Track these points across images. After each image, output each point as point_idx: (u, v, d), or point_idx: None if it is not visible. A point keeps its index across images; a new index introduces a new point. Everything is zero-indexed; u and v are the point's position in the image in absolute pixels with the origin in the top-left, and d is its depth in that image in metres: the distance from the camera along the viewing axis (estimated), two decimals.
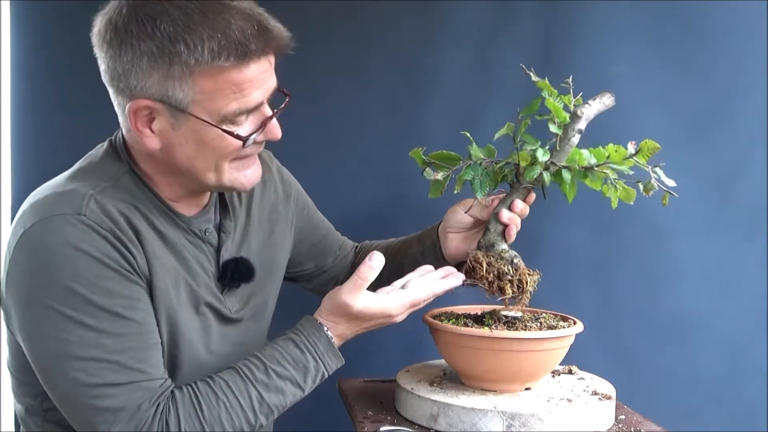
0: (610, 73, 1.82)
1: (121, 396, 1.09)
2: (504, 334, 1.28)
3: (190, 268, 1.23)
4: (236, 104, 1.12)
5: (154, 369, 1.13)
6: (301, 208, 1.50)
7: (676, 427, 1.44)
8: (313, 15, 1.81)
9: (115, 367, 1.09)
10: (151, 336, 1.14)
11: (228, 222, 1.31)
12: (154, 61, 1.09)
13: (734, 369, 1.88)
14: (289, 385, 1.19)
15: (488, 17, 1.83)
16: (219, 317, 1.27)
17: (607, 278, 1.88)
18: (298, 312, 1.28)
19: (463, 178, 1.33)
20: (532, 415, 1.23)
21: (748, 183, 1.86)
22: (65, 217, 1.10)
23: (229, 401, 1.15)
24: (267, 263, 1.37)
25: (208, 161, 1.17)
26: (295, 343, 1.21)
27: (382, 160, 1.85)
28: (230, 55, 1.08)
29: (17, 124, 1.79)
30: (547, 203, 1.37)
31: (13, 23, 1.77)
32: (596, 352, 1.74)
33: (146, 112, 1.13)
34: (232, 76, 1.10)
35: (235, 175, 1.20)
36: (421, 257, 1.48)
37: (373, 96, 1.85)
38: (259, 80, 1.13)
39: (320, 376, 1.22)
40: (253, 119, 1.17)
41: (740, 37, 1.84)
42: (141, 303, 1.13)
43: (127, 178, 1.20)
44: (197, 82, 1.10)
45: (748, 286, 1.87)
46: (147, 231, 1.17)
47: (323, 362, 1.22)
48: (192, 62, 1.08)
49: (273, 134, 1.20)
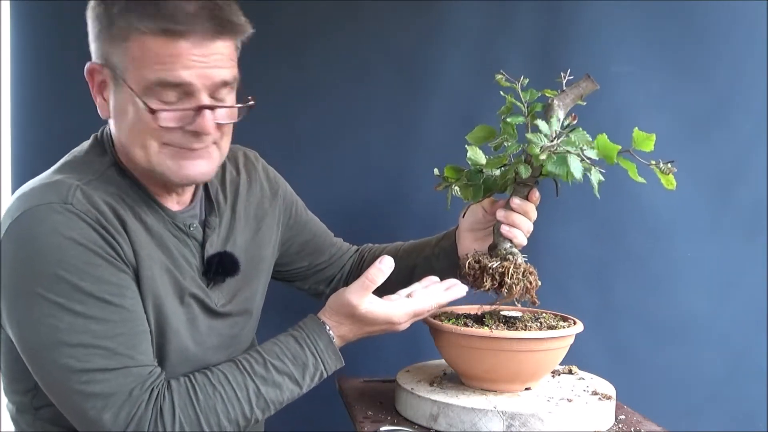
0: (610, 73, 1.82)
1: (111, 381, 1.10)
2: (504, 334, 1.28)
3: (175, 260, 1.24)
4: (155, 75, 1.12)
5: (144, 356, 1.14)
6: (289, 206, 1.51)
7: (676, 427, 1.44)
8: (313, 15, 1.81)
9: (104, 352, 1.10)
10: (140, 323, 1.15)
11: (213, 218, 1.32)
12: (100, 23, 1.15)
13: (734, 369, 1.88)
14: (287, 381, 1.20)
15: (488, 17, 1.83)
16: (205, 309, 1.28)
17: (607, 278, 1.88)
18: (292, 311, 1.29)
19: (460, 186, 1.35)
20: (532, 415, 1.23)
21: (748, 183, 1.86)
22: (51, 205, 1.12)
23: (225, 392, 1.15)
24: (253, 259, 1.38)
25: (135, 136, 1.17)
26: (296, 339, 1.22)
27: (382, 160, 1.85)
28: (161, 22, 1.10)
29: (17, 124, 1.79)
30: (547, 203, 1.37)
31: (13, 23, 1.77)
32: (596, 352, 1.74)
33: (100, 79, 1.18)
34: (158, 47, 1.11)
35: (164, 161, 1.18)
36: (435, 259, 1.49)
37: (373, 96, 1.85)
38: (188, 60, 1.12)
39: (319, 375, 1.23)
40: (185, 104, 1.15)
41: (740, 37, 1.84)
42: (129, 291, 1.15)
43: (113, 171, 1.22)
44: (129, 47, 1.13)
45: (748, 286, 1.87)
46: (133, 222, 1.18)
47: (322, 360, 1.22)
48: (124, 25, 1.12)
49: (198, 126, 1.16)
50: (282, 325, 1.26)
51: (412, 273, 1.50)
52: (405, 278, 1.50)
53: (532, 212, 1.35)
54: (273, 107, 1.80)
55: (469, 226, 1.43)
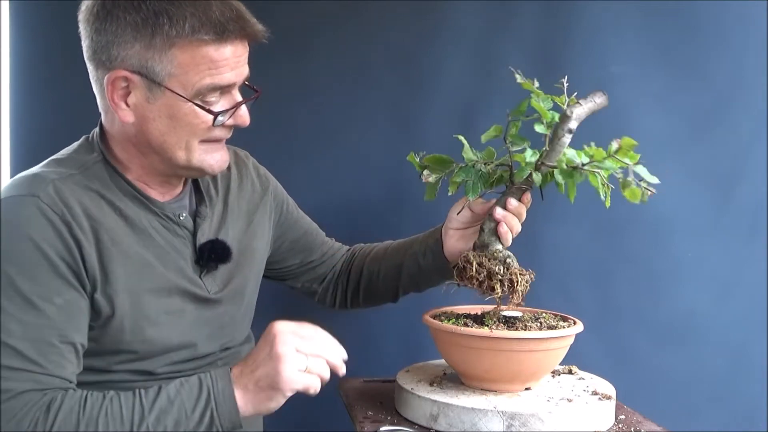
0: (610, 73, 1.82)
1: (9, 381, 1.10)
2: (504, 334, 1.28)
3: (160, 252, 1.26)
4: (210, 80, 1.19)
5: (53, 366, 1.13)
6: (280, 203, 1.53)
7: (676, 427, 1.44)
8: (313, 15, 1.81)
9: (12, 352, 1.10)
10: (57, 334, 1.14)
11: (204, 208, 1.35)
12: (137, 32, 1.16)
13: (734, 369, 1.87)
14: (175, 409, 1.12)
15: (488, 17, 1.83)
16: (194, 299, 1.29)
17: (607, 278, 1.87)
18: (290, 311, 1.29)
19: (455, 180, 1.34)
20: (532, 415, 1.23)
21: (748, 183, 1.86)
22: (21, 197, 1.16)
23: (112, 407, 1.11)
24: (246, 250, 1.40)
25: (180, 137, 1.22)
26: (199, 378, 1.15)
27: (381, 160, 1.85)
28: (210, 31, 1.16)
29: (16, 124, 1.79)
30: (547, 203, 1.37)
31: (13, 23, 1.77)
32: (596, 352, 1.74)
33: (123, 85, 1.19)
34: (209, 53, 1.18)
35: (203, 157, 1.25)
36: (422, 256, 1.49)
37: (373, 96, 1.85)
38: (233, 62, 1.20)
39: (208, 408, 1.13)
40: (224, 102, 1.23)
41: (740, 37, 1.84)
42: (59, 298, 1.15)
43: (98, 167, 1.25)
44: (176, 55, 1.17)
45: (748, 286, 1.87)
46: (108, 218, 1.21)
47: (215, 390, 1.14)
48: (173, 34, 1.15)
49: (242, 120, 1.26)
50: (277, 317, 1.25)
51: (399, 271, 1.52)
52: (393, 277, 1.54)
53: (524, 214, 1.37)
54: (272, 106, 1.79)
55: (456, 225, 1.43)
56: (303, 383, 1.14)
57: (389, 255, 1.56)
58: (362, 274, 1.58)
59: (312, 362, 1.14)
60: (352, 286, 1.60)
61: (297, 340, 1.14)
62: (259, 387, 1.13)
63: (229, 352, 1.38)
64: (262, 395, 1.14)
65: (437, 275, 1.49)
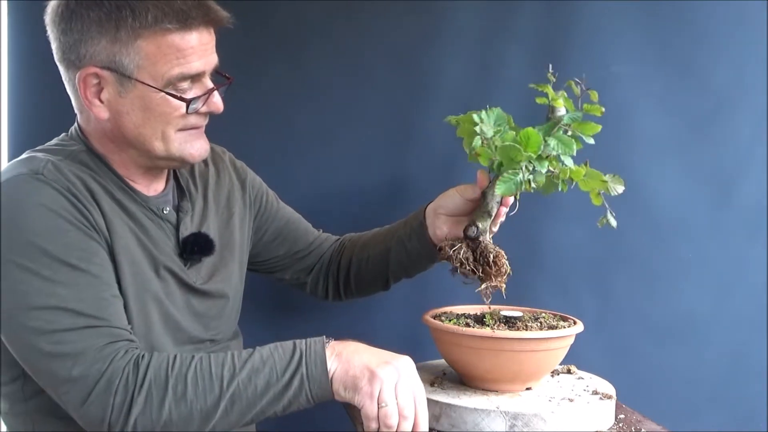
0: (610, 73, 1.82)
1: (79, 342, 1.10)
2: (506, 334, 1.28)
3: (150, 236, 1.27)
4: (179, 69, 1.19)
5: (113, 318, 1.14)
6: (259, 195, 1.53)
7: (676, 426, 1.43)
8: (313, 15, 1.80)
9: (71, 314, 1.11)
10: (106, 289, 1.16)
11: (185, 203, 1.36)
12: (101, 27, 1.17)
13: (734, 369, 1.88)
14: (266, 369, 1.12)
15: (488, 17, 1.83)
16: (181, 284, 1.30)
17: (607, 278, 1.87)
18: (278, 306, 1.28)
19: (503, 180, 1.26)
20: (534, 415, 1.23)
21: (749, 183, 1.86)
22: (22, 176, 1.16)
23: (201, 365, 1.12)
24: (228, 243, 1.41)
25: (155, 128, 1.22)
26: (293, 343, 1.17)
27: (380, 158, 1.85)
28: (173, 19, 1.17)
29: (15, 124, 1.78)
30: (548, 203, 1.37)
31: (11, 23, 1.76)
32: (596, 352, 1.73)
33: (95, 81, 1.20)
34: (175, 41, 1.18)
35: (183, 146, 1.25)
36: (407, 239, 1.48)
37: (373, 95, 1.85)
38: (200, 50, 1.21)
39: (300, 377, 1.13)
40: (196, 90, 1.24)
41: (740, 37, 1.84)
42: (96, 257, 1.16)
43: (84, 155, 1.26)
44: (142, 46, 1.17)
45: (748, 286, 1.87)
46: (104, 197, 1.22)
47: (307, 359, 1.14)
48: (137, 26, 1.16)
49: (215, 106, 1.26)
50: (268, 317, 1.25)
51: (387, 256, 1.52)
52: (381, 262, 1.53)
53: None
54: (271, 105, 1.80)
55: (447, 211, 1.40)
56: (390, 396, 1.13)
57: (377, 241, 1.55)
58: (351, 262, 1.57)
59: (403, 400, 1.13)
60: (342, 275, 1.59)
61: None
62: (353, 365, 1.14)
63: (218, 345, 1.37)
64: (352, 374, 1.13)
65: (426, 259, 1.48)
